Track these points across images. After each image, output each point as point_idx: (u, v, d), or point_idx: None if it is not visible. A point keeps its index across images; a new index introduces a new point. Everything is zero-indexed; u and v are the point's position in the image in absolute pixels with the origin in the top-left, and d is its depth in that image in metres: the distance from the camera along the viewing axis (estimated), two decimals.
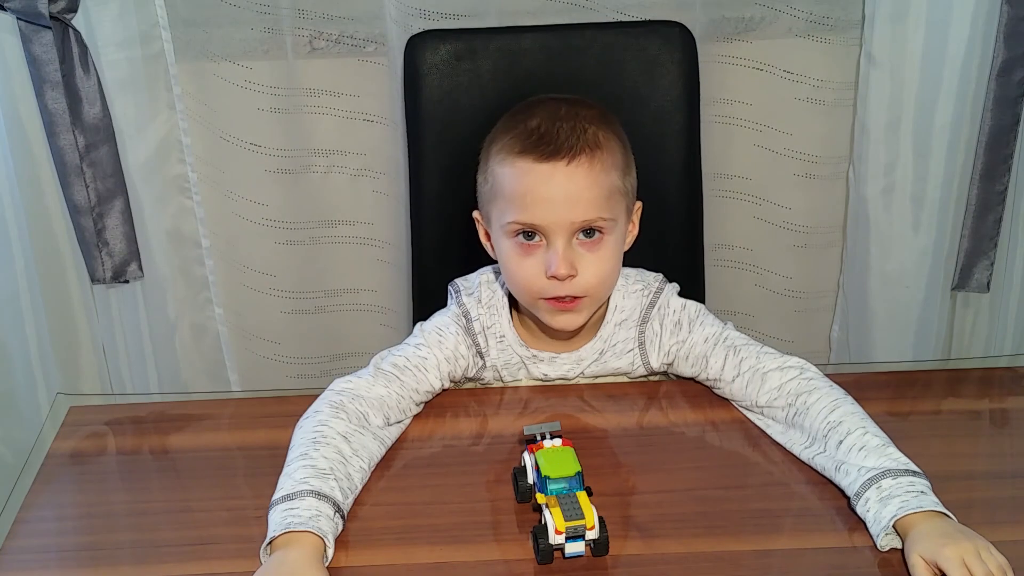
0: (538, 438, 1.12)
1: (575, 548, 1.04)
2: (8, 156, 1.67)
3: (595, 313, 1.29)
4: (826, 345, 1.99)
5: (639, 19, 1.67)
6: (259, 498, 1.10)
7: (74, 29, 1.62)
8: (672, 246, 1.62)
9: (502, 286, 1.31)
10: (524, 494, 1.11)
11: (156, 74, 1.72)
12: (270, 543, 1.04)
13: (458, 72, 1.57)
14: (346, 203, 1.86)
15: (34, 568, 1.08)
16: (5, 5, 1.57)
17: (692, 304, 1.31)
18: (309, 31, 1.72)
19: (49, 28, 1.58)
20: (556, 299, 1.22)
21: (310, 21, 1.71)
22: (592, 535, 1.03)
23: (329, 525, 1.05)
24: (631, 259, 1.35)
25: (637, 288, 1.31)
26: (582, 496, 1.05)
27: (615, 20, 1.68)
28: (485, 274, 1.33)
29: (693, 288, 1.66)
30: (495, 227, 1.25)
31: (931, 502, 1.05)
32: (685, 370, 1.30)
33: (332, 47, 1.74)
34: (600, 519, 1.04)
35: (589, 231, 1.21)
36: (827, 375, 1.22)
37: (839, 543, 1.07)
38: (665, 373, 1.34)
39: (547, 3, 1.68)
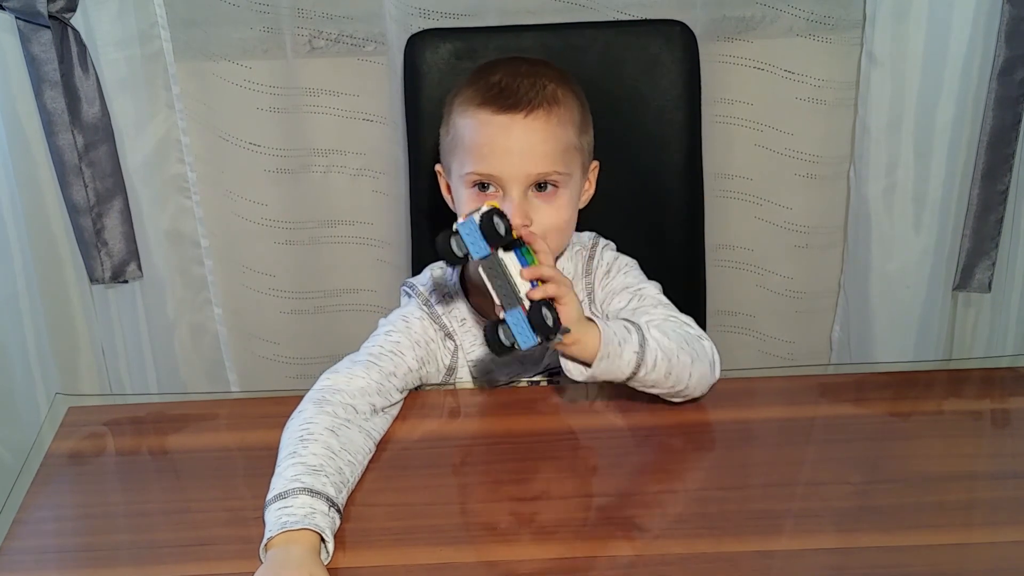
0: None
1: (521, 335, 1.08)
2: (7, 156, 1.67)
3: None
4: (827, 345, 1.99)
5: (640, 18, 1.67)
6: (258, 499, 1.09)
7: (73, 28, 1.62)
8: (673, 246, 1.62)
9: (451, 272, 1.34)
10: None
11: (155, 73, 1.71)
12: (267, 543, 1.04)
13: (458, 71, 1.56)
14: (346, 203, 1.86)
15: (33, 569, 1.08)
16: (4, 4, 1.57)
17: (624, 258, 1.36)
18: (308, 30, 1.72)
19: (48, 27, 1.58)
20: None
21: (309, 20, 1.71)
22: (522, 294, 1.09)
23: (325, 521, 1.05)
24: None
25: (576, 249, 1.36)
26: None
27: (616, 19, 1.68)
28: (433, 269, 1.36)
29: (694, 288, 1.66)
30: (455, 178, 1.28)
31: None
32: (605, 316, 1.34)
33: (332, 46, 1.74)
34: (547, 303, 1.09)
35: (543, 184, 1.24)
36: (828, 375, 1.22)
37: (839, 543, 1.07)
38: None
39: (547, 2, 1.68)
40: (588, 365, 1.14)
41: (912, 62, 1.67)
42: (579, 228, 1.38)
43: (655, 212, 1.61)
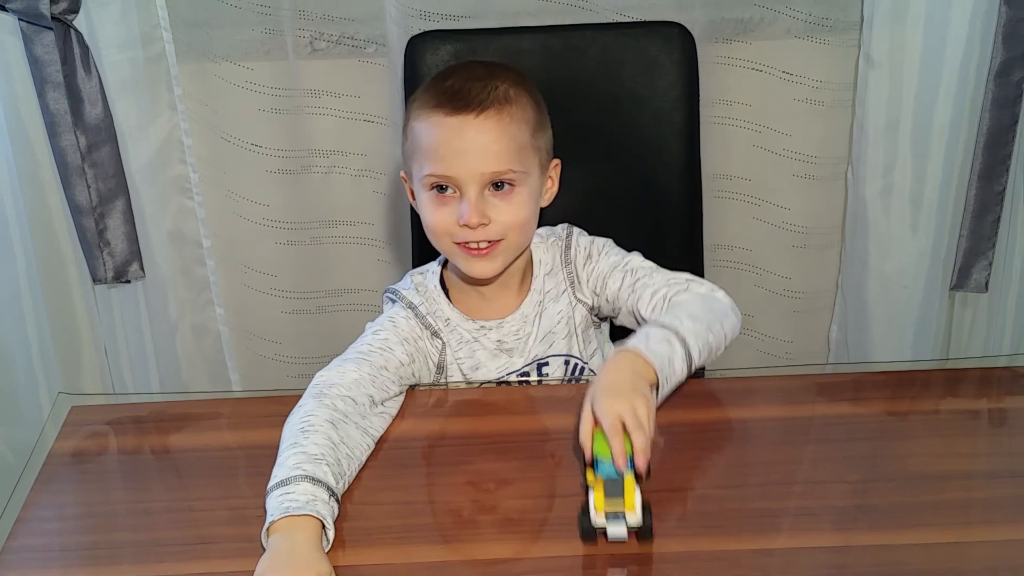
0: None
1: (616, 531, 1.04)
2: (10, 156, 1.68)
3: (522, 269, 1.36)
4: (825, 345, 2.00)
5: (639, 20, 1.67)
6: (260, 498, 1.10)
7: (76, 30, 1.62)
8: (672, 246, 1.62)
9: (431, 277, 1.36)
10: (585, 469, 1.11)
11: (157, 75, 1.72)
12: (269, 528, 1.04)
13: None
14: (347, 203, 1.87)
15: (35, 567, 1.08)
16: (7, 6, 1.58)
17: (599, 239, 1.38)
18: (310, 32, 1.73)
19: (51, 29, 1.59)
20: (470, 247, 1.27)
21: (311, 22, 1.72)
22: (633, 520, 1.04)
23: (326, 508, 1.06)
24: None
25: (552, 240, 1.38)
26: (628, 479, 1.05)
27: (615, 21, 1.68)
28: (414, 276, 1.38)
29: None
30: (416, 182, 1.30)
31: (637, 344, 1.17)
32: (596, 299, 1.36)
33: (333, 48, 1.75)
34: (645, 505, 1.04)
35: (499, 184, 1.25)
36: (826, 375, 1.22)
37: (837, 542, 1.07)
38: (599, 315, 1.39)
39: (547, 4, 1.69)
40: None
41: (910, 63, 1.68)
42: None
43: (654, 213, 1.61)
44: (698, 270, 1.67)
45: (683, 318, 1.22)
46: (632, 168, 1.60)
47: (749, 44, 1.75)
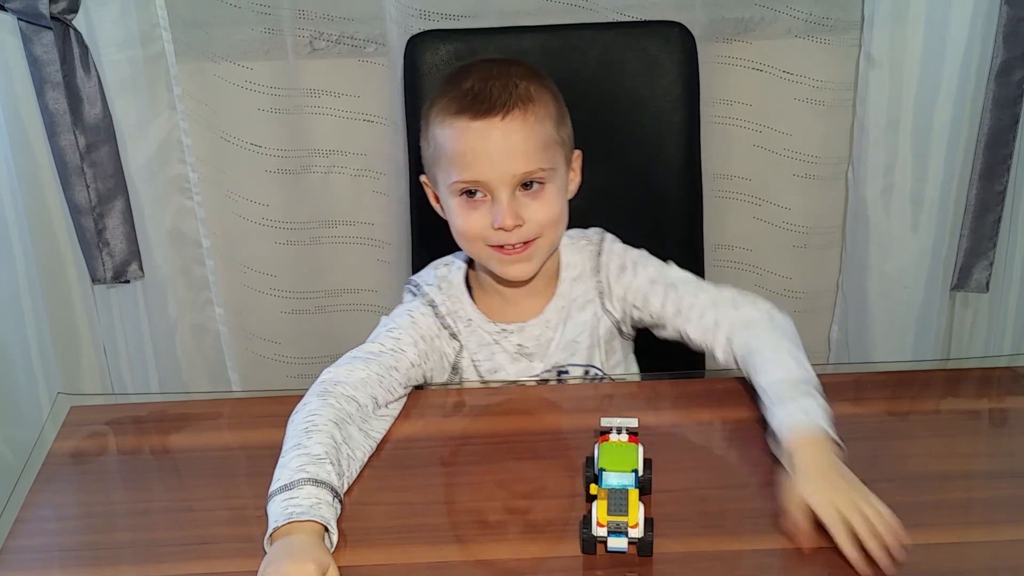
0: (614, 432, 1.11)
1: (617, 543, 1.04)
2: (9, 156, 1.68)
3: (550, 271, 1.34)
4: (825, 345, 2.00)
5: (639, 19, 1.67)
6: (260, 498, 1.10)
7: (75, 29, 1.62)
8: (672, 246, 1.62)
9: (455, 272, 1.35)
10: (588, 479, 1.10)
11: (157, 74, 1.72)
12: (272, 534, 1.04)
13: None
14: (346, 203, 1.87)
15: (35, 568, 1.08)
16: (6, 5, 1.58)
17: (633, 250, 1.37)
18: (309, 31, 1.72)
19: (50, 28, 1.59)
20: (505, 248, 1.26)
21: (310, 21, 1.72)
22: (635, 533, 1.03)
23: (330, 511, 1.06)
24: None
25: (583, 243, 1.37)
26: (632, 494, 1.05)
27: (615, 20, 1.68)
28: (438, 268, 1.37)
29: None
30: (441, 188, 1.29)
31: (810, 421, 1.11)
32: (636, 313, 1.35)
33: (332, 47, 1.75)
34: (647, 520, 1.04)
35: (529, 183, 1.25)
36: (826, 375, 1.22)
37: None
38: (622, 330, 1.38)
39: (547, 3, 1.68)
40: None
41: (910, 63, 1.68)
42: (580, 226, 1.39)
43: (654, 212, 1.61)
44: (698, 270, 1.66)
45: (808, 367, 1.20)
46: (632, 168, 1.60)
47: (749, 44, 1.75)
